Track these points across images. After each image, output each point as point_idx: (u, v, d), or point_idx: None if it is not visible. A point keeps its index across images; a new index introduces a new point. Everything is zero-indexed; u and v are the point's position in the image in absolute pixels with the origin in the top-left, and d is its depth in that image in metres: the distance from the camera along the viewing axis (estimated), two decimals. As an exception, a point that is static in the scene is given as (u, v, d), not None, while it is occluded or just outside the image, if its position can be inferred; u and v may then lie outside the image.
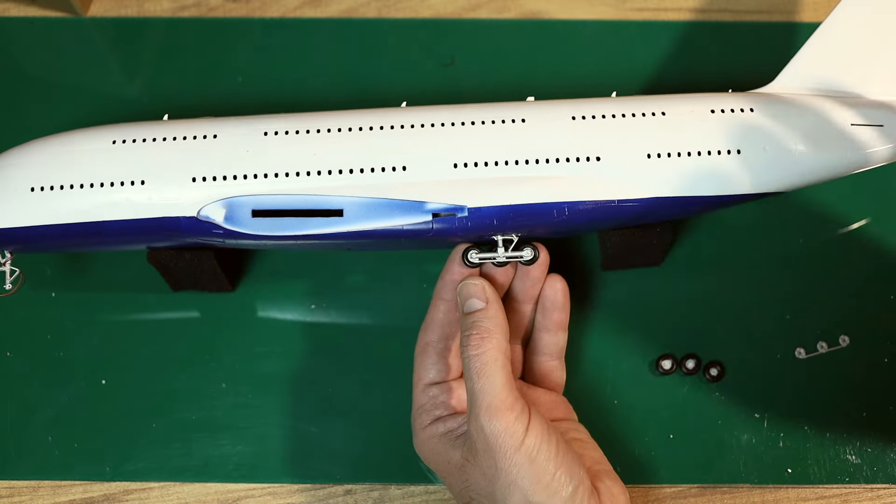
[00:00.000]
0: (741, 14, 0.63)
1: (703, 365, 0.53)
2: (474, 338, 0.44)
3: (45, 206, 0.47)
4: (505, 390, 0.43)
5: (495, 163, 0.48)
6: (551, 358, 0.51)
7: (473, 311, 0.46)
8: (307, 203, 0.47)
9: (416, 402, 0.48)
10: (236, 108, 0.60)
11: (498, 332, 0.45)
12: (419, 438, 0.48)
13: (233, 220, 0.47)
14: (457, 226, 0.47)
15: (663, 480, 0.52)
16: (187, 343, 0.55)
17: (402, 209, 0.47)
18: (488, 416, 0.42)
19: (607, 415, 0.52)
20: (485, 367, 0.44)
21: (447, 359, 0.48)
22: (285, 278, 0.56)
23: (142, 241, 0.49)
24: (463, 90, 0.61)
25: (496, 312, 0.46)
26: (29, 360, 0.55)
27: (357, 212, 0.47)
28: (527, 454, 0.42)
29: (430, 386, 0.48)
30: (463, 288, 0.47)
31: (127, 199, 0.47)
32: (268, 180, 0.47)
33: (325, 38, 0.63)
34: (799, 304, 0.55)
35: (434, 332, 0.49)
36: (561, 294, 0.50)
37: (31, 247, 0.49)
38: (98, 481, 0.52)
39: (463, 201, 0.47)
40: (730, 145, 0.48)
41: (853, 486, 0.51)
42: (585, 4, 0.64)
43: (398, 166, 0.47)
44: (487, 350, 0.44)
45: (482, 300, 0.46)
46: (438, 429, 0.47)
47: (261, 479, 0.52)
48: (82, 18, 0.64)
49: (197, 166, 0.47)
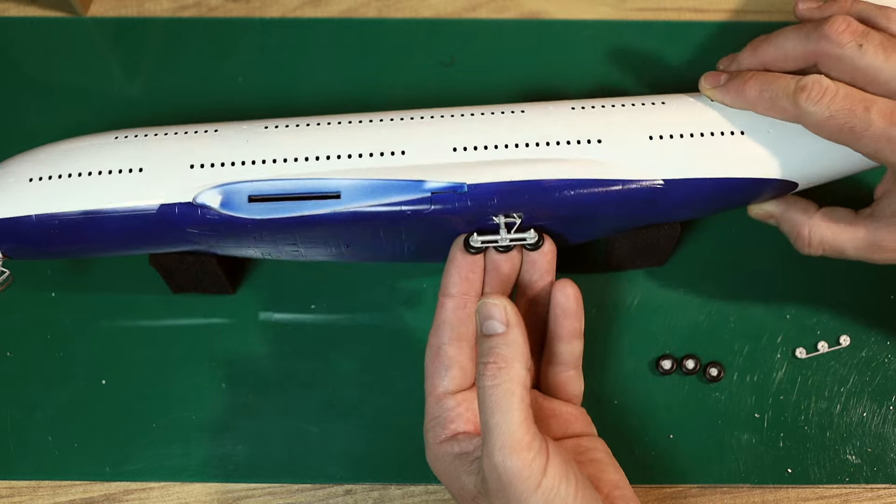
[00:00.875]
0: (742, 14, 0.63)
1: (702, 365, 0.53)
2: (491, 367, 0.41)
3: (42, 195, 0.47)
4: (522, 427, 0.40)
5: (495, 146, 0.47)
6: (567, 368, 0.48)
7: (492, 335, 0.42)
8: (304, 187, 0.46)
9: (430, 412, 0.46)
10: (236, 108, 0.61)
11: (517, 360, 0.41)
12: (433, 452, 0.45)
13: (229, 205, 0.46)
14: (457, 205, 0.46)
15: (663, 480, 0.52)
16: (187, 343, 0.55)
17: (400, 189, 0.46)
18: (503, 454, 0.39)
19: (607, 415, 0.52)
20: (501, 400, 0.40)
21: (461, 362, 0.46)
22: (285, 278, 0.56)
23: (139, 238, 0.48)
24: (463, 90, 0.61)
25: (517, 337, 0.42)
26: (29, 360, 0.55)
27: (355, 193, 0.46)
28: (544, 496, 0.39)
29: (446, 396, 0.46)
30: (482, 307, 0.43)
31: (124, 186, 0.47)
32: (266, 166, 0.47)
33: (326, 37, 0.63)
34: (799, 304, 0.55)
35: (444, 333, 0.46)
36: (573, 301, 0.48)
37: (27, 242, 0.48)
38: (98, 481, 0.52)
39: (463, 180, 0.46)
40: (733, 127, 0.48)
41: (853, 486, 0.51)
42: (585, 4, 0.64)
43: (397, 151, 0.47)
44: (504, 382, 0.40)
45: (502, 323, 0.42)
46: (453, 448, 0.44)
47: (261, 479, 0.52)
48: (82, 18, 0.64)
49: (196, 155, 0.47)
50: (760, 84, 0.47)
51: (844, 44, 0.45)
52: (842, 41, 0.45)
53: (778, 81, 0.46)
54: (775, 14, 0.63)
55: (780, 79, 0.46)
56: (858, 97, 0.44)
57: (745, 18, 0.63)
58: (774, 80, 0.46)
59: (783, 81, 0.46)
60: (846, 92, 0.44)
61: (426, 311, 0.54)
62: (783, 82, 0.46)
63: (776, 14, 0.63)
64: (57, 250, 0.49)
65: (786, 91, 0.46)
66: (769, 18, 0.63)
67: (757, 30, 0.62)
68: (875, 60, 0.45)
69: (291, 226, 0.46)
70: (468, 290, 0.48)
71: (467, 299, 0.47)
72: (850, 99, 0.44)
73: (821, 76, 0.45)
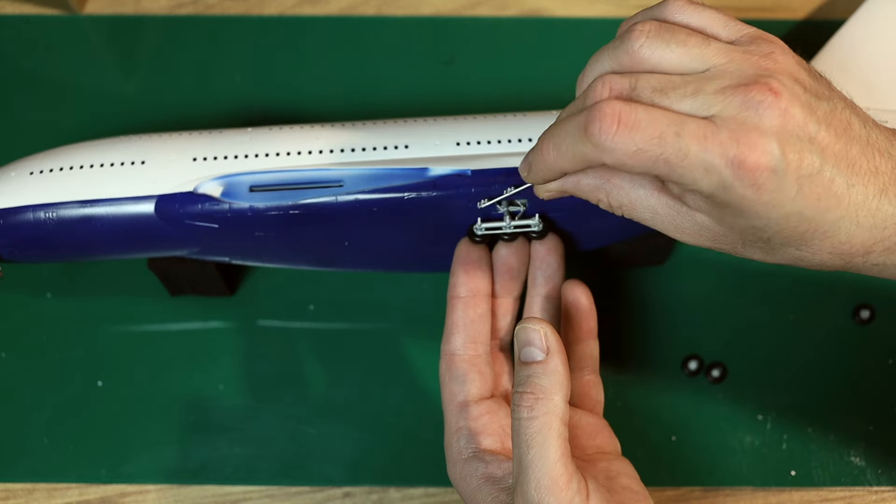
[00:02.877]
0: (743, 11, 0.63)
1: (705, 366, 0.53)
2: (528, 397, 0.37)
3: (41, 186, 0.47)
4: (560, 464, 0.37)
5: (498, 141, 0.47)
6: (585, 372, 0.47)
7: (530, 363, 0.38)
8: (307, 177, 0.46)
9: (451, 423, 0.43)
10: (234, 107, 0.60)
11: (557, 391, 0.38)
12: (456, 470, 0.42)
13: (230, 195, 0.46)
14: (461, 190, 0.46)
15: (666, 483, 0.51)
16: (184, 345, 0.54)
17: (403, 176, 0.46)
18: (539, 493, 0.36)
19: (609, 417, 0.52)
20: (537, 435, 0.37)
21: (479, 367, 0.44)
22: (284, 279, 0.56)
23: (137, 235, 0.48)
24: (463, 88, 0.61)
25: (557, 366, 0.38)
26: (25, 362, 0.54)
27: (357, 181, 0.46)
28: None
29: (468, 404, 0.43)
30: (520, 332, 0.39)
31: (125, 177, 0.46)
32: (268, 159, 0.47)
33: (324, 35, 0.63)
34: (802, 305, 0.54)
35: (457, 337, 0.45)
36: (584, 298, 0.47)
37: (24, 239, 0.47)
38: (94, 483, 0.52)
39: (466, 167, 0.46)
40: None
41: (857, 488, 0.51)
42: (586, 2, 0.64)
43: (400, 145, 0.47)
44: (542, 415, 0.37)
45: (542, 350, 0.38)
46: (479, 469, 0.42)
47: (258, 481, 0.52)
48: (78, 16, 0.64)
49: (198, 150, 0.47)
50: (550, 138, 0.37)
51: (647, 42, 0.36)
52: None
53: (563, 125, 0.36)
54: (778, 12, 0.63)
55: (566, 121, 0.36)
56: (665, 120, 0.34)
57: (748, 16, 0.63)
58: (561, 125, 0.37)
59: (571, 121, 0.36)
60: (648, 116, 0.34)
61: (426, 312, 0.54)
62: (571, 122, 0.36)
63: (780, 12, 0.63)
64: (54, 250, 0.49)
65: (576, 130, 0.35)
66: (772, 16, 0.63)
67: (759, 27, 0.62)
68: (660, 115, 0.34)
69: (292, 217, 0.46)
70: (477, 288, 0.47)
71: (477, 299, 0.46)
72: (656, 124, 0.34)
73: (610, 100, 0.35)
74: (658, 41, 0.35)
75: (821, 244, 0.36)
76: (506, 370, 0.47)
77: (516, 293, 0.49)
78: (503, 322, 0.48)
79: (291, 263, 0.51)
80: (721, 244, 0.38)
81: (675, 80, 0.35)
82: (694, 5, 0.37)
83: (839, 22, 0.56)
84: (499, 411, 0.44)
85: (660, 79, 0.35)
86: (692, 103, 0.34)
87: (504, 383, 0.47)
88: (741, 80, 0.34)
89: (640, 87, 0.35)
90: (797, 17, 0.63)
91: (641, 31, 0.36)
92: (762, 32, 0.37)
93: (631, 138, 0.34)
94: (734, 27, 0.37)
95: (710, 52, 0.35)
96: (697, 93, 0.34)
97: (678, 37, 0.35)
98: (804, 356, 0.53)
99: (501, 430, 0.43)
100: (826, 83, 0.36)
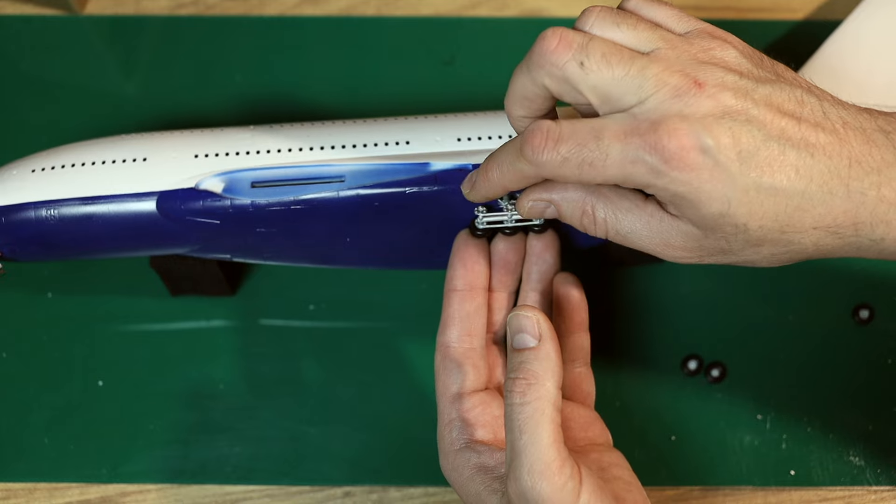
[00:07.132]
0: (744, 12, 0.63)
1: (704, 366, 0.53)
2: (520, 383, 0.38)
3: (43, 183, 0.47)
4: (552, 449, 0.37)
5: (499, 136, 0.47)
6: (577, 364, 0.47)
7: (522, 350, 0.39)
8: (308, 173, 0.46)
9: (444, 415, 0.44)
10: (234, 107, 0.60)
11: (549, 377, 0.38)
12: (448, 461, 0.43)
13: (232, 191, 0.46)
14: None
15: (665, 482, 0.51)
16: (185, 344, 0.54)
17: (405, 171, 0.46)
18: (532, 478, 0.36)
19: (608, 416, 0.52)
20: (529, 420, 0.37)
21: (473, 360, 0.44)
22: (284, 279, 0.56)
23: (138, 231, 0.48)
24: (463, 88, 0.61)
25: (549, 352, 0.38)
26: (25, 362, 0.54)
27: (359, 176, 0.46)
28: None
29: (461, 396, 0.44)
30: (513, 319, 0.39)
31: (127, 173, 0.47)
32: (270, 155, 0.47)
33: (324, 36, 0.63)
34: (801, 305, 0.54)
35: (453, 330, 0.45)
36: (576, 291, 0.47)
37: (26, 236, 0.47)
38: (95, 483, 0.52)
39: (467, 162, 0.46)
40: None
41: (857, 488, 0.51)
42: (586, 2, 0.63)
43: (401, 141, 0.47)
44: (534, 400, 0.37)
45: (534, 337, 0.39)
46: (471, 459, 0.42)
47: (258, 481, 0.52)
48: (79, 17, 0.64)
49: (200, 147, 0.47)
50: (494, 159, 0.40)
51: (562, 64, 0.36)
52: (557, 61, 0.36)
53: (504, 148, 0.39)
54: (778, 12, 0.63)
55: (506, 145, 0.40)
56: (585, 129, 0.36)
57: (748, 17, 0.63)
58: (502, 148, 0.40)
59: (511, 144, 0.39)
60: (571, 128, 0.36)
61: (426, 311, 0.54)
62: (511, 145, 0.39)
63: (780, 12, 0.63)
64: (56, 248, 0.48)
65: (514, 151, 0.38)
66: (772, 17, 0.63)
67: (759, 28, 0.62)
68: (601, 77, 0.36)
69: (294, 213, 0.46)
70: (474, 281, 0.47)
71: (474, 293, 0.46)
72: (577, 134, 0.36)
73: (540, 120, 0.37)
74: (608, 22, 0.37)
75: (801, 221, 0.36)
76: (500, 363, 0.47)
77: (512, 288, 0.49)
78: (498, 316, 0.48)
79: (292, 261, 0.51)
80: (712, 254, 0.38)
81: (625, 52, 0.36)
82: (651, 1, 0.39)
83: (839, 22, 0.56)
84: (492, 403, 0.44)
85: (611, 46, 0.37)
86: (630, 82, 0.36)
87: (498, 376, 0.47)
88: (675, 69, 0.36)
89: (591, 47, 0.36)
90: (797, 18, 0.63)
91: (593, 11, 0.38)
92: (713, 28, 0.38)
93: (557, 150, 0.37)
94: (687, 22, 0.38)
95: (656, 37, 0.37)
96: (641, 71, 0.36)
97: (629, 21, 0.37)
98: (803, 356, 0.53)
99: (494, 422, 0.44)
100: (774, 70, 0.38)
